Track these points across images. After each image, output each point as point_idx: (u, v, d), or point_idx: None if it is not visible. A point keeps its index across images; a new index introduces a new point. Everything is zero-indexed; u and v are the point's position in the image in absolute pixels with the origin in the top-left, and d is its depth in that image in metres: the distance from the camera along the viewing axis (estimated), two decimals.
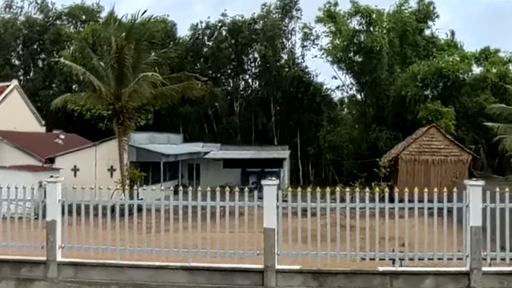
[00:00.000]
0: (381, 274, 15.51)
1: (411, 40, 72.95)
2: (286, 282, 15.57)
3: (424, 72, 66.70)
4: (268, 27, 77.33)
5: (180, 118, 75.86)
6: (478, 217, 15.30)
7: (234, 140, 75.31)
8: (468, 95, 67.97)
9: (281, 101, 76.84)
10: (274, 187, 15.89)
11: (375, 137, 68.50)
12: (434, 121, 61.12)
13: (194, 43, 78.52)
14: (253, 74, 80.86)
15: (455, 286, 15.33)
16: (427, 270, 15.57)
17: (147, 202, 16.76)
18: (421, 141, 53.83)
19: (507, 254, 15.74)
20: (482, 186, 15.53)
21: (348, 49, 71.72)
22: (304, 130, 75.67)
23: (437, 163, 52.92)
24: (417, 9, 74.87)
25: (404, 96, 66.95)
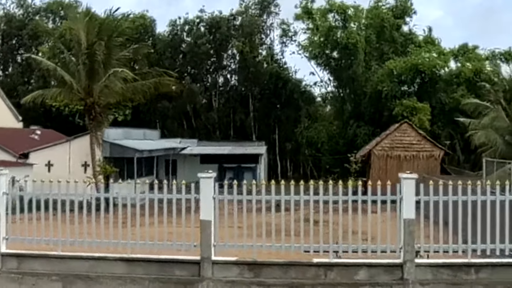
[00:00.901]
0: (315, 265, 15.60)
1: (388, 36, 73.37)
2: (222, 273, 15.67)
3: (400, 68, 67.16)
4: (246, 23, 77.40)
5: (159, 114, 76.00)
6: (411, 210, 15.46)
7: (213, 136, 75.53)
8: (444, 91, 68.38)
9: (260, 97, 77.11)
10: (210, 179, 16.06)
11: (353, 133, 68.87)
12: (409, 117, 61.61)
13: (172, 39, 78.43)
14: (232, 70, 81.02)
15: (388, 278, 15.44)
16: (361, 262, 15.67)
17: (105, 196, 16.85)
18: (393, 137, 54.22)
19: (441, 247, 15.90)
20: (415, 179, 15.70)
21: (325, 45, 72.06)
22: (283, 126, 75.98)
23: (409, 158, 53.31)
24: (394, 5, 75.13)
25: (380, 92, 67.33)
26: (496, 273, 15.43)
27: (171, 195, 16.32)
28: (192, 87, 73.68)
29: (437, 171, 52.32)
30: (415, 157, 53.40)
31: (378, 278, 15.44)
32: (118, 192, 16.74)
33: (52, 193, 16.80)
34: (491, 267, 15.45)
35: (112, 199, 16.80)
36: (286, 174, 72.81)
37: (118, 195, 16.59)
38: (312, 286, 15.41)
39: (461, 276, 15.42)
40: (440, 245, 15.93)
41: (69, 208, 16.47)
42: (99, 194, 16.91)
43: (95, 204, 16.40)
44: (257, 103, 76.95)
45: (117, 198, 16.57)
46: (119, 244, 16.41)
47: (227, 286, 15.60)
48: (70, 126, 67.49)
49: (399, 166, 52.24)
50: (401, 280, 15.34)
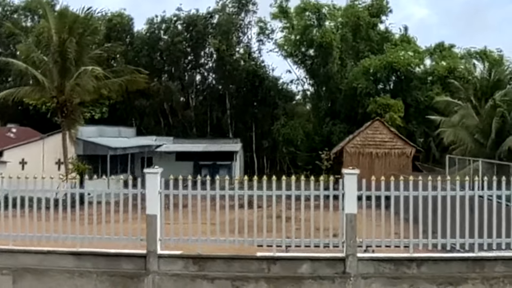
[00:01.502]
0: (259, 259, 15.86)
1: (364, 34, 73.77)
2: (168, 267, 15.92)
3: (375, 66, 67.58)
4: (223, 21, 77.56)
5: (136, 111, 76.02)
6: (353, 205, 15.73)
7: (189, 133, 75.70)
8: (419, 89, 68.73)
9: (236, 95, 77.28)
10: (156, 175, 16.30)
11: (329, 131, 69.14)
12: (382, 114, 61.92)
13: (150, 37, 78.48)
14: (209, 68, 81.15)
15: (331, 271, 15.70)
16: (304, 256, 15.91)
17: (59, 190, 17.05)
18: (366, 135, 54.59)
19: (383, 242, 16.17)
20: (357, 174, 15.96)
21: (301, 43, 72.36)
22: (259, 124, 76.17)
23: (381, 156, 53.67)
24: (370, 4, 75.46)
25: (355, 90, 67.70)
26: (438, 267, 15.72)
27: (118, 190, 16.50)
28: (169, 85, 73.86)
29: (409, 168, 52.71)
30: (387, 154, 53.80)
31: (321, 272, 15.69)
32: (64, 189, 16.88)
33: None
34: (433, 262, 15.75)
35: (79, 195, 16.96)
36: (263, 171, 72.89)
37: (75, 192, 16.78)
38: (255, 280, 15.65)
39: (402, 270, 15.70)
40: (381, 239, 16.14)
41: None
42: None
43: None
44: (234, 101, 77.13)
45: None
46: (68, 238, 16.57)
47: (172, 280, 15.84)
48: (47, 124, 67.41)
49: (371, 164, 52.69)
50: (343, 273, 15.62)
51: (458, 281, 15.61)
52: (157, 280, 15.83)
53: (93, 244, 16.63)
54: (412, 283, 15.62)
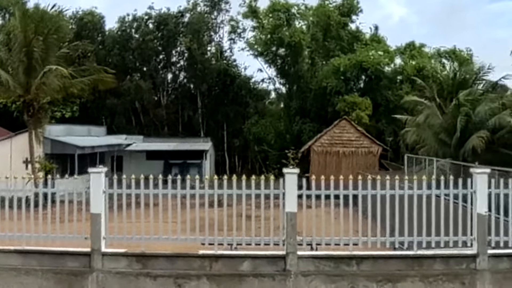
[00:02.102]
0: (201, 257, 16.11)
1: (335, 34, 73.91)
2: (112, 265, 16.12)
3: (345, 65, 67.83)
4: (194, 20, 77.64)
5: (107, 110, 75.94)
6: (294, 204, 15.99)
7: (161, 132, 75.82)
8: (388, 88, 69.12)
9: (208, 94, 77.47)
10: (101, 174, 16.50)
11: (299, 129, 69.35)
12: (350, 112, 62.27)
13: (121, 35, 78.44)
14: (180, 67, 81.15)
15: (271, 269, 15.95)
16: (245, 254, 16.19)
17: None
18: (333, 133, 54.91)
19: (323, 239, 16.43)
20: (297, 173, 16.22)
21: (271, 43, 72.52)
22: (231, 123, 76.41)
23: (348, 154, 54.01)
24: (341, 4, 75.76)
25: (325, 89, 68.02)
26: (377, 265, 16.00)
27: (63, 190, 16.68)
28: (140, 83, 73.80)
29: (376, 167, 53.10)
30: (354, 153, 54.16)
31: (262, 269, 15.94)
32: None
33: None
34: (373, 259, 16.02)
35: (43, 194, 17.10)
36: (234, 170, 73.13)
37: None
38: (197, 277, 15.88)
39: (342, 268, 15.97)
40: (321, 237, 16.40)
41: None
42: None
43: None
44: (205, 100, 77.38)
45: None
46: (14, 236, 16.72)
47: (116, 277, 16.03)
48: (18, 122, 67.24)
49: (338, 162, 53.00)
50: (283, 271, 15.86)
51: (398, 279, 15.89)
52: (101, 277, 16.01)
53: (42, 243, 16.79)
54: (352, 281, 15.86)
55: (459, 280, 16.00)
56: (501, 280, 16.06)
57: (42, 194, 16.98)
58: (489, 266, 16.05)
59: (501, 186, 16.65)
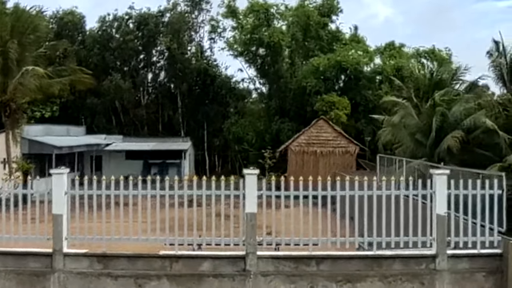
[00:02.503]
0: (161, 257, 16.27)
1: (314, 34, 74.08)
2: (73, 265, 16.24)
3: (324, 65, 68.00)
4: (174, 20, 77.65)
5: (87, 110, 75.81)
6: (253, 204, 16.14)
7: (141, 132, 75.72)
8: (368, 88, 69.33)
9: (188, 93, 77.37)
10: (63, 175, 16.59)
11: (277, 129, 69.47)
12: (328, 112, 62.46)
13: (101, 35, 78.32)
14: (161, 67, 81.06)
15: (231, 269, 16.13)
16: (205, 254, 16.37)
17: None
18: (310, 133, 55.15)
19: (283, 240, 16.58)
20: (256, 174, 16.37)
21: (250, 43, 72.63)
22: (211, 122, 76.38)
23: (325, 154, 54.23)
24: (321, 4, 75.96)
25: (305, 88, 68.21)
26: (337, 265, 16.21)
27: (26, 190, 16.76)
28: (120, 83, 73.64)
29: (353, 167, 53.36)
30: (331, 153, 54.40)
31: (222, 270, 16.16)
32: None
33: None
34: (332, 260, 16.24)
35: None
36: (214, 169, 73.21)
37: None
38: (157, 277, 16.08)
39: (302, 268, 16.17)
40: (282, 238, 16.55)
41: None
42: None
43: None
44: (185, 99, 77.25)
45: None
46: None
47: (78, 277, 16.19)
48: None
49: (316, 162, 53.21)
50: (243, 271, 16.07)
51: (357, 279, 16.13)
52: (62, 278, 16.16)
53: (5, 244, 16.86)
54: (311, 281, 16.07)
55: (418, 280, 16.23)
56: (460, 280, 16.31)
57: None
58: (448, 266, 16.27)
59: (460, 187, 16.82)
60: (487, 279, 16.44)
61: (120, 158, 64.65)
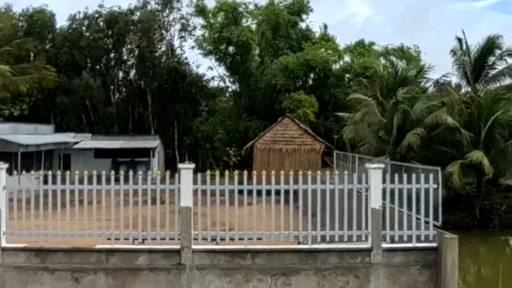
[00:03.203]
0: (98, 251, 16.47)
1: (284, 32, 74.31)
2: (11, 259, 16.44)
3: (293, 63, 68.22)
4: (144, 18, 77.61)
5: (57, 109, 75.55)
6: (189, 198, 16.37)
7: (111, 130, 75.50)
8: (337, 86, 69.58)
9: (158, 92, 77.23)
10: (1, 171, 16.69)
11: (245, 127, 69.60)
12: (296, 110, 62.79)
13: (71, 33, 78.11)
14: (131, 65, 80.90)
15: (167, 263, 16.37)
16: (141, 248, 16.61)
17: None
18: (276, 131, 55.32)
19: (218, 234, 16.81)
20: (192, 169, 16.59)
21: (219, 41, 72.77)
22: (181, 121, 76.31)
23: (291, 152, 54.46)
24: (291, 3, 76.23)
25: (274, 87, 68.43)
26: (272, 258, 16.45)
27: None
28: (89, 81, 73.51)
29: (318, 164, 53.58)
30: (297, 150, 54.61)
31: (158, 263, 16.42)
32: None
33: None
34: (267, 253, 16.48)
35: None
36: None
37: None
38: (94, 271, 16.32)
39: (237, 262, 16.42)
40: (217, 232, 16.75)
41: None
42: None
43: None
44: (156, 98, 77.05)
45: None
46: None
47: (16, 271, 16.39)
48: None
49: (281, 159, 53.40)
50: (179, 265, 16.29)
51: (291, 272, 16.38)
52: (0, 272, 16.27)
53: None
54: (246, 274, 16.31)
55: (353, 274, 16.52)
56: (395, 273, 16.61)
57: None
58: (383, 260, 16.55)
59: (395, 181, 17.08)
60: (422, 273, 16.74)
61: (89, 157, 64.43)
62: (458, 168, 45.01)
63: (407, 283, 16.65)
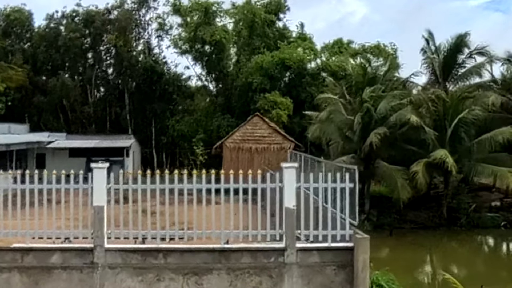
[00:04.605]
0: (13, 250, 16.64)
1: (260, 31, 74.43)
2: None
3: (267, 62, 68.28)
4: (120, 17, 77.64)
5: (34, 108, 75.64)
6: (101, 198, 16.60)
7: (88, 129, 75.58)
8: (312, 85, 69.61)
9: (135, 91, 77.41)
10: None
11: (218, 125, 69.69)
12: (270, 110, 62.95)
13: (48, 32, 78.15)
14: (108, 64, 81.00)
15: (80, 262, 16.54)
16: (55, 247, 16.75)
17: None
18: (245, 130, 55.45)
19: (131, 233, 17.01)
20: (105, 168, 16.84)
21: (195, 40, 72.84)
22: (158, 120, 76.42)
23: (260, 150, 54.57)
24: (268, 2, 76.38)
25: (250, 86, 68.56)
26: (184, 258, 16.62)
27: None
28: (66, 81, 73.63)
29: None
30: (266, 149, 54.71)
31: (71, 262, 16.61)
32: None
33: None
34: (180, 252, 16.67)
35: None
36: (162, 166, 73.15)
37: None
38: (8, 269, 16.48)
39: (150, 261, 16.59)
40: (129, 230, 16.95)
41: None
42: None
43: None
44: (133, 97, 77.18)
45: None
46: None
47: None
48: None
49: (250, 158, 53.49)
50: (91, 263, 16.46)
51: (203, 272, 16.56)
52: None
53: None
54: (158, 273, 16.51)
55: (267, 274, 16.64)
56: (309, 273, 16.70)
57: None
58: (297, 259, 16.65)
59: (310, 180, 17.23)
60: (337, 273, 16.81)
61: (64, 156, 64.51)
62: (422, 167, 45.33)
63: (322, 283, 16.73)
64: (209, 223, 16.97)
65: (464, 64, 56.71)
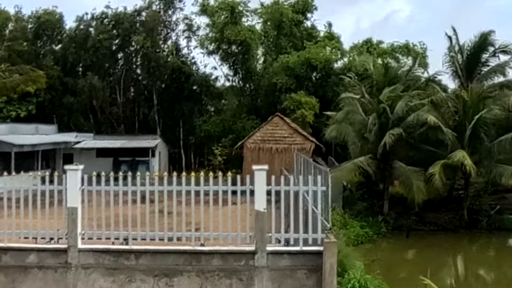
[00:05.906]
0: None
1: (288, 31, 74.56)
2: None
3: (293, 62, 68.37)
4: (148, 18, 78.28)
5: (64, 109, 76.56)
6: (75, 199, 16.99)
7: (117, 130, 76.32)
8: (338, 85, 69.45)
9: (163, 91, 78.04)
10: None
11: (242, 126, 69.80)
12: (295, 110, 63.00)
13: (77, 34, 79.07)
14: (136, 65, 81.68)
15: (54, 262, 16.97)
16: (31, 247, 17.23)
17: None
18: (266, 130, 55.63)
19: (103, 233, 17.35)
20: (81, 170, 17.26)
21: (221, 41, 73.07)
22: (186, 120, 76.90)
23: (280, 151, 54.69)
24: (295, 1, 76.48)
25: (276, 86, 68.67)
26: (155, 259, 16.95)
27: None
28: (95, 82, 74.42)
29: None
30: (287, 149, 54.79)
31: (46, 262, 17.07)
32: None
33: None
34: (151, 254, 17.00)
35: None
36: (191, 167, 73.60)
37: None
38: None
39: (122, 262, 16.95)
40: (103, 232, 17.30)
41: None
42: None
43: None
44: (161, 97, 77.78)
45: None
46: None
47: None
48: None
49: (271, 159, 53.49)
50: (65, 263, 16.91)
51: (174, 273, 16.86)
52: None
53: None
54: (129, 275, 16.86)
55: (237, 276, 16.82)
56: (280, 277, 16.81)
57: None
58: (268, 263, 16.77)
59: (281, 183, 17.37)
60: (309, 277, 16.85)
61: (91, 156, 65.30)
62: (439, 169, 44.69)
63: (293, 287, 16.80)
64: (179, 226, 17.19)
65: (487, 63, 55.93)
